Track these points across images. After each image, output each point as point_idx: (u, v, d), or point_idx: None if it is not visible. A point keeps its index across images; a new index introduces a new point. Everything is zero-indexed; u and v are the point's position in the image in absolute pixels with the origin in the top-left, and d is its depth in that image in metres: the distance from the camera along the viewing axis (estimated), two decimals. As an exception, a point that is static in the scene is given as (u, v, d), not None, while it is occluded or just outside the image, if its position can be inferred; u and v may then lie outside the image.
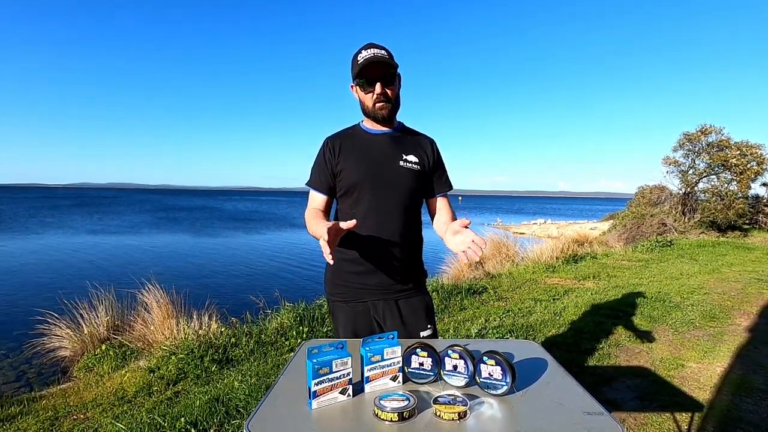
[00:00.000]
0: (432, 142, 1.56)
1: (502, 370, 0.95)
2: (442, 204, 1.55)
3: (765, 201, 13.66)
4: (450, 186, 1.58)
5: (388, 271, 1.45)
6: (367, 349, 1.00)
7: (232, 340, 3.69)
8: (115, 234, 18.54)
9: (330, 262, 1.12)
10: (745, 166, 12.27)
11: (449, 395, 0.92)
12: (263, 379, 2.93)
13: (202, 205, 54.08)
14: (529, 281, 6.30)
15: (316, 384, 0.91)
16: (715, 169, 13.02)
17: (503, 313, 4.48)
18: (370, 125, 1.49)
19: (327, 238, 1.11)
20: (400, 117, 1.54)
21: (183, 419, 2.37)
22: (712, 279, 6.22)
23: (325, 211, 1.50)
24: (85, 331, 4.19)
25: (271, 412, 0.90)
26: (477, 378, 0.99)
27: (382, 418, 0.85)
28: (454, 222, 1.22)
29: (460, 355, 1.00)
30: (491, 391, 0.96)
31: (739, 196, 12.51)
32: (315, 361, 0.91)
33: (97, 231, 19.65)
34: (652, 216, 12.89)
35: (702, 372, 2.96)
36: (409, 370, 1.04)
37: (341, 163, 1.45)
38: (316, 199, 1.49)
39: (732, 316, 4.32)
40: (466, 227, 1.17)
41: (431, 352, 1.03)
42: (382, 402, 0.88)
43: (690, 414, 2.39)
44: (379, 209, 1.42)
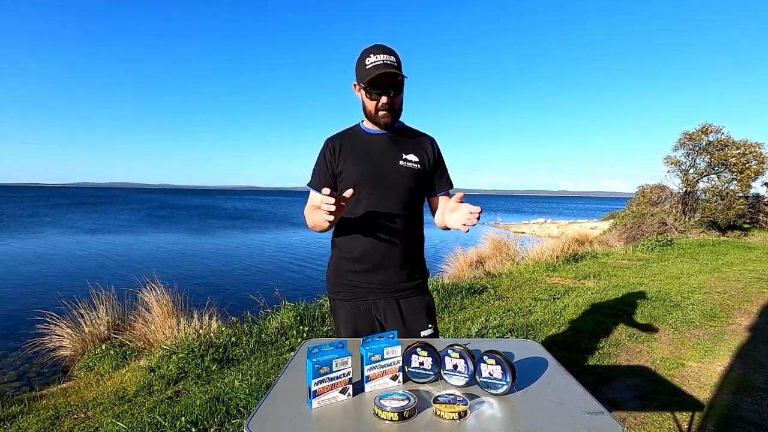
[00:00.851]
0: (432, 141, 1.56)
1: (503, 369, 0.94)
2: (443, 202, 1.55)
3: (765, 200, 13.65)
4: (451, 184, 1.58)
5: (390, 270, 1.45)
6: (367, 348, 1.00)
7: (233, 340, 3.69)
8: (115, 233, 18.55)
9: (330, 217, 1.19)
10: (745, 165, 12.26)
11: (449, 395, 0.92)
12: (263, 379, 2.93)
13: (202, 204, 54.11)
14: (529, 280, 6.31)
15: (317, 383, 0.91)
16: (715, 169, 13.01)
17: (503, 313, 4.48)
18: (370, 126, 1.49)
19: (331, 201, 1.17)
20: (403, 116, 1.53)
21: (183, 418, 2.37)
22: (712, 278, 6.21)
23: None
24: (86, 331, 4.19)
25: (272, 412, 0.90)
26: (477, 377, 0.99)
27: (382, 417, 0.85)
28: (450, 200, 1.26)
29: (460, 355, 1.00)
30: (491, 391, 0.96)
31: (740, 195, 12.51)
32: (315, 360, 0.91)
33: (97, 230, 19.66)
34: (652, 215, 12.88)
35: (702, 371, 2.96)
36: (409, 369, 1.04)
37: (341, 164, 1.45)
38: (317, 199, 1.49)
39: (732, 316, 4.32)
40: (461, 201, 1.22)
41: (431, 351, 1.03)
42: (382, 401, 0.88)
43: (690, 413, 2.40)
44: (379, 209, 1.42)
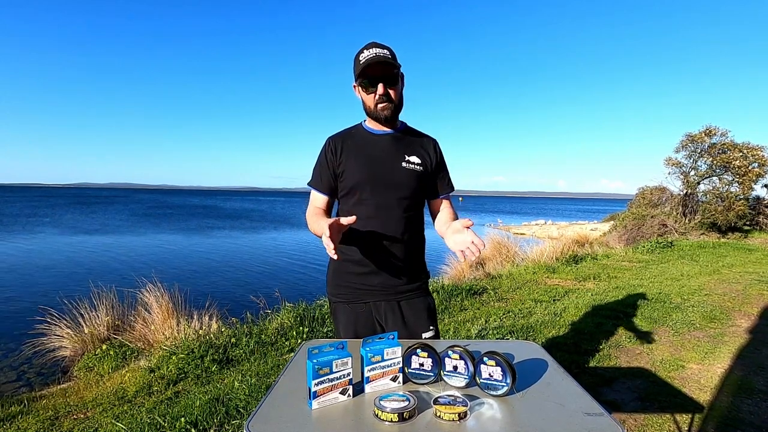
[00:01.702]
0: (435, 143, 1.55)
1: (503, 370, 0.94)
2: (444, 205, 1.55)
3: (766, 202, 13.65)
4: (452, 187, 1.58)
5: (390, 271, 1.44)
6: (367, 349, 1.00)
7: (233, 340, 3.69)
8: (114, 233, 18.55)
9: (334, 257, 1.15)
10: (747, 168, 12.26)
11: (449, 396, 0.92)
12: (263, 379, 2.93)
13: (201, 204, 54.12)
14: (529, 282, 6.30)
15: (317, 384, 0.91)
16: (716, 171, 13.01)
17: (503, 314, 4.48)
18: (372, 125, 1.49)
19: (329, 234, 1.13)
20: (403, 117, 1.54)
21: (183, 419, 2.37)
22: (712, 280, 6.21)
23: (327, 211, 1.50)
24: (86, 331, 4.19)
25: (272, 413, 0.90)
26: (477, 379, 0.99)
27: (382, 418, 0.85)
28: (457, 221, 1.24)
29: (460, 356, 1.00)
30: (491, 392, 0.96)
31: (740, 197, 12.51)
32: (315, 361, 0.91)
33: (97, 230, 19.66)
34: (652, 217, 12.88)
35: (702, 373, 2.96)
36: (409, 370, 1.04)
37: (343, 164, 1.45)
38: (318, 199, 1.49)
39: (732, 318, 4.31)
40: (468, 228, 1.19)
41: (431, 352, 1.03)
42: (382, 402, 0.88)
43: (690, 415, 2.39)
44: (380, 210, 1.42)
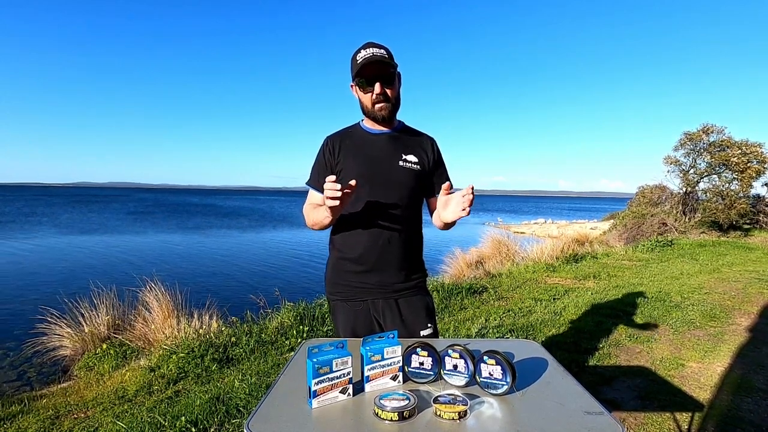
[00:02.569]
0: (432, 142, 1.56)
1: (503, 369, 0.95)
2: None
3: (766, 201, 13.65)
4: (450, 185, 1.58)
5: (388, 270, 1.45)
6: (367, 348, 1.00)
7: (233, 339, 3.69)
8: (114, 233, 18.55)
9: (336, 202, 1.18)
10: (746, 165, 12.26)
11: (449, 395, 0.92)
12: (263, 379, 2.93)
13: (201, 204, 54.12)
14: (529, 281, 6.30)
15: (317, 383, 0.91)
16: (716, 169, 13.01)
17: (503, 313, 4.48)
18: (370, 125, 1.49)
19: (336, 185, 1.18)
20: (403, 116, 1.54)
21: (183, 418, 2.37)
22: (712, 279, 6.21)
23: None
24: (86, 330, 4.19)
25: (272, 412, 0.90)
26: (477, 377, 0.99)
27: (382, 417, 0.85)
28: (439, 196, 1.30)
29: (460, 355, 1.00)
30: (491, 391, 0.96)
31: (741, 195, 12.51)
32: (315, 360, 0.91)
33: (96, 229, 19.67)
34: (652, 216, 12.89)
35: (702, 372, 2.96)
36: (409, 369, 1.05)
37: (341, 163, 1.45)
38: (316, 198, 1.49)
39: (732, 316, 4.31)
40: (449, 192, 1.26)
41: (431, 351, 1.03)
42: (382, 401, 0.88)
43: (690, 414, 2.39)
44: (378, 209, 1.42)
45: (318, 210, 1.39)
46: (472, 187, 1.17)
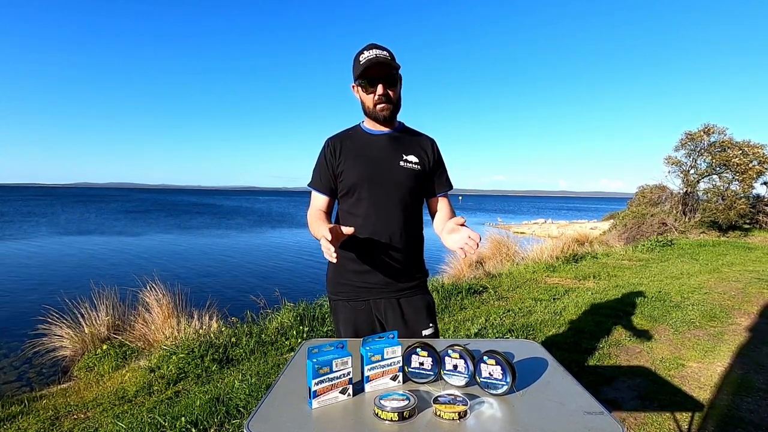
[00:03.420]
0: (432, 142, 1.56)
1: (502, 369, 0.95)
2: (442, 204, 1.55)
3: (766, 201, 13.65)
4: (450, 186, 1.58)
5: (390, 270, 1.45)
6: (367, 348, 1.00)
7: (233, 340, 3.69)
8: (113, 233, 18.55)
9: (333, 261, 1.15)
10: (747, 166, 12.26)
11: (449, 395, 0.92)
12: (263, 379, 2.93)
13: (201, 204, 54.11)
14: (529, 281, 6.30)
15: (317, 383, 0.91)
16: (716, 169, 13.01)
17: (503, 313, 4.48)
18: (370, 126, 1.49)
19: (329, 238, 1.14)
20: (403, 116, 1.55)
21: (183, 419, 2.37)
22: (712, 279, 6.21)
23: (328, 211, 1.51)
24: (86, 331, 4.19)
25: (272, 412, 0.90)
26: (477, 377, 0.99)
27: (382, 417, 0.85)
28: (450, 221, 1.25)
29: (460, 355, 1.00)
30: (491, 391, 0.96)
31: (741, 196, 12.51)
32: (315, 360, 0.91)
33: (95, 230, 19.66)
34: (652, 215, 12.88)
35: (702, 372, 2.96)
36: (409, 369, 1.05)
37: (342, 164, 1.46)
38: (318, 200, 1.50)
39: (732, 316, 4.31)
40: (462, 225, 1.21)
41: (431, 351, 1.03)
42: (382, 401, 0.88)
43: (690, 414, 2.39)
44: (379, 209, 1.43)
45: (319, 228, 1.35)
46: (480, 238, 1.16)
